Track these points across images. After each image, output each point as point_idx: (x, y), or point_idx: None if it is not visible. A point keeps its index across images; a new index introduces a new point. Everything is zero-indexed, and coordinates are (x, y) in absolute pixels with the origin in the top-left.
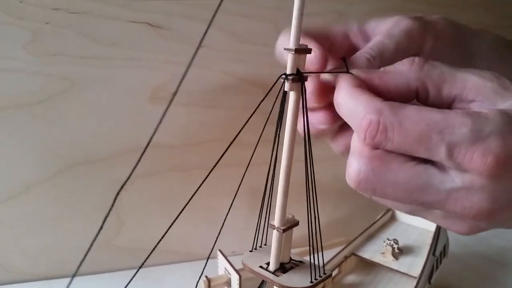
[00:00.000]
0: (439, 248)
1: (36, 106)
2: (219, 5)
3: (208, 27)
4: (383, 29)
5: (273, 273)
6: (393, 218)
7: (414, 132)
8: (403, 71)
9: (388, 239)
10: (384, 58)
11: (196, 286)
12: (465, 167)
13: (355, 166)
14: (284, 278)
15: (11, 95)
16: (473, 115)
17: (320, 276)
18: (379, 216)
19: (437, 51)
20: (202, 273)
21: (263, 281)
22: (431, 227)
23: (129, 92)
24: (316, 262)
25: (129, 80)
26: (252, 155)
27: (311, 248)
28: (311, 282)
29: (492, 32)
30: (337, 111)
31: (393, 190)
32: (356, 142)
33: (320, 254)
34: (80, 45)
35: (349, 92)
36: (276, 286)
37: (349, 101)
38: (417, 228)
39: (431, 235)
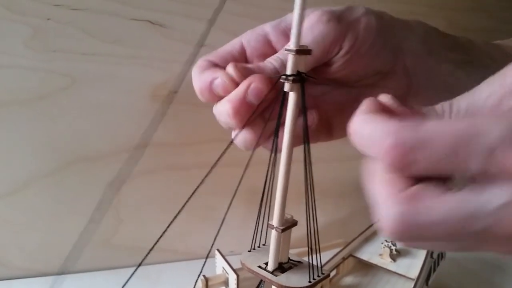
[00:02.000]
0: None
1: (36, 102)
2: (221, 7)
3: (210, 28)
4: None
5: (272, 273)
6: None
7: (444, 144)
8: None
9: (386, 241)
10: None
11: (195, 285)
12: (507, 172)
13: (387, 212)
14: (282, 278)
15: (11, 91)
16: (499, 116)
17: (318, 276)
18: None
19: (356, 50)
20: (200, 272)
21: (261, 280)
22: None
23: (130, 90)
24: (315, 263)
25: (130, 78)
26: (252, 154)
27: (309, 248)
28: (309, 282)
29: (425, 23)
30: (352, 141)
31: (439, 226)
32: (381, 186)
33: (318, 254)
34: (81, 42)
35: (364, 118)
36: (275, 286)
37: (363, 127)
38: None
39: None
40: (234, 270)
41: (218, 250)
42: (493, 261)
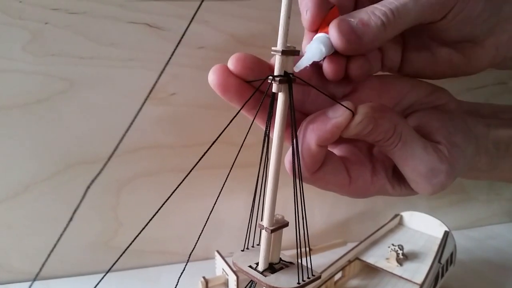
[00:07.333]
0: (445, 255)
1: (35, 106)
2: (200, 4)
3: (190, 23)
4: None
5: (262, 273)
6: (400, 224)
7: None
8: None
9: (393, 245)
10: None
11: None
12: None
13: None
14: (271, 279)
15: (10, 95)
16: None
17: (308, 278)
18: (386, 221)
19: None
20: (181, 275)
21: (251, 281)
22: (439, 234)
23: (128, 93)
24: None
25: (128, 81)
26: (237, 155)
27: (299, 249)
28: (298, 283)
29: None
30: None
31: None
32: None
33: (310, 255)
34: (79, 45)
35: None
36: (264, 286)
37: None
38: (424, 234)
39: (438, 242)
40: (234, 272)
41: (218, 252)
42: (499, 263)
